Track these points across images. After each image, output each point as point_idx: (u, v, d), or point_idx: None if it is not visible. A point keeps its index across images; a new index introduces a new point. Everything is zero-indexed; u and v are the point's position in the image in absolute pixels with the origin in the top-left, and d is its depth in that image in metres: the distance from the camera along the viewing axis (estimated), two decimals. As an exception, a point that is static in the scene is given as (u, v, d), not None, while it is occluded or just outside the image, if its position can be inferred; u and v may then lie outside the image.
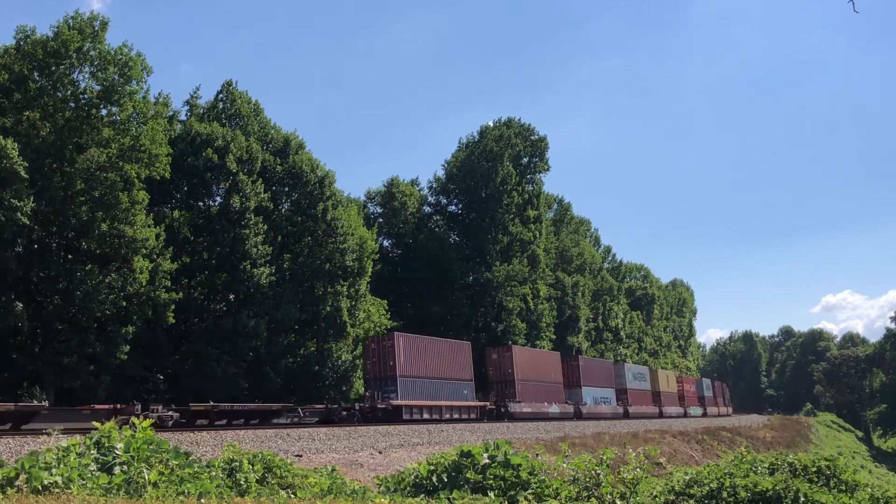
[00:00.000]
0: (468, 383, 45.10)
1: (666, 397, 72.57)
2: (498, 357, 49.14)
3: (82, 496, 8.91)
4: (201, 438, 23.37)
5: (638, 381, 67.11)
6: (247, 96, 51.16)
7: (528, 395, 48.86)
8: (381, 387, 39.50)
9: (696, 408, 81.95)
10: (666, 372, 77.92)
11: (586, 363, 59.19)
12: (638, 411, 63.80)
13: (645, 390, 68.27)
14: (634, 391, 65.53)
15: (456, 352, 45.22)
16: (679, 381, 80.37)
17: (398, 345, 40.06)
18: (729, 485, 17.05)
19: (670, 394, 74.73)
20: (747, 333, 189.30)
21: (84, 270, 35.83)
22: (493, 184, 69.11)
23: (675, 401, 75.86)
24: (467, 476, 13.32)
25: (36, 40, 35.96)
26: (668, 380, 75.24)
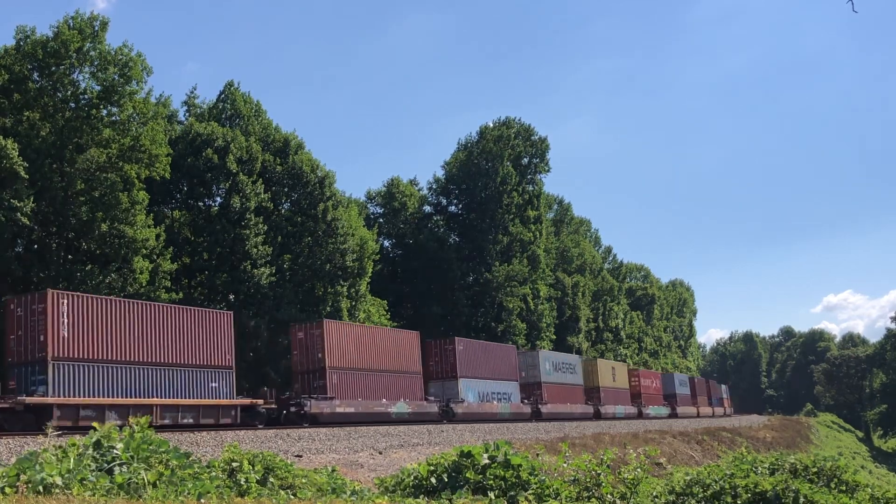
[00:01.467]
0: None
1: (609, 394, 60.88)
2: (305, 336, 35.20)
3: (82, 496, 8.90)
4: (201, 438, 23.37)
5: (561, 374, 53.77)
6: (248, 97, 51.18)
7: (347, 388, 35.55)
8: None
9: (658, 407, 70.35)
10: (610, 363, 66.31)
11: (468, 347, 44.58)
12: (557, 411, 50.99)
13: (572, 385, 55.21)
14: (554, 385, 52.07)
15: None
16: (634, 375, 69.22)
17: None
18: (729, 485, 17.05)
19: (616, 390, 62.97)
20: (747, 334, 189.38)
21: (84, 271, 35.82)
22: (493, 184, 69.12)
23: (625, 399, 64.33)
24: (467, 476, 13.31)
25: (36, 40, 35.96)
26: (613, 373, 63.75)
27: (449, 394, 41.85)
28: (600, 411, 57.67)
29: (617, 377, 64.04)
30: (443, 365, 42.23)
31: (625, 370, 67.62)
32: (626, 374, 66.90)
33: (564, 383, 54.16)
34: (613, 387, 62.49)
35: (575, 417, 52.62)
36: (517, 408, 47.03)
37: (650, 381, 72.41)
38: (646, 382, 70.59)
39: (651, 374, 76.22)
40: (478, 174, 69.45)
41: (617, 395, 62.86)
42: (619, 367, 66.97)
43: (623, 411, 62.19)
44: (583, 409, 55.43)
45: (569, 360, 56.58)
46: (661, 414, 69.84)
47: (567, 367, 55.42)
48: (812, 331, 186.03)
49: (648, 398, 69.26)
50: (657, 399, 72.09)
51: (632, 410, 64.23)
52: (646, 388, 69.67)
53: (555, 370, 53.07)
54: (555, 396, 52.04)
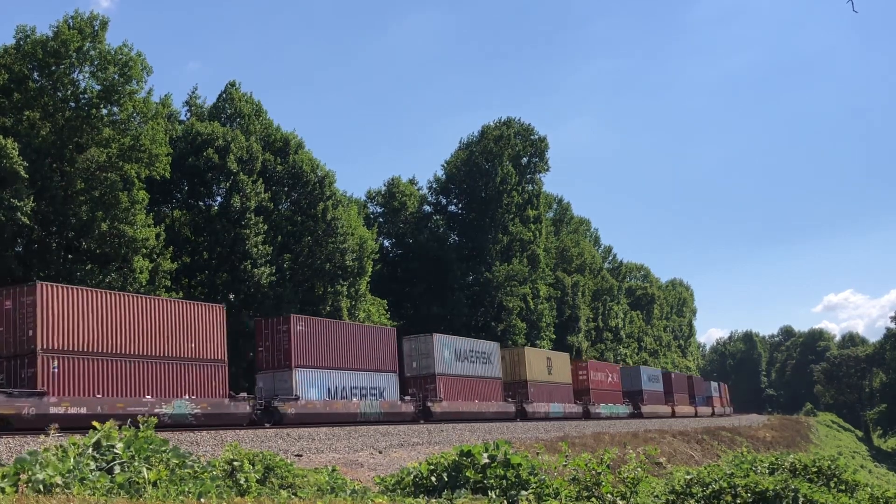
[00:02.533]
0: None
1: (541, 390, 51.11)
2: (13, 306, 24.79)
3: (82, 496, 8.91)
4: (201, 438, 23.38)
5: (468, 364, 44.33)
6: (249, 97, 51.18)
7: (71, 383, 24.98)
8: None
9: (614, 406, 61.76)
10: (546, 353, 56.28)
11: (312, 328, 34.72)
12: (457, 409, 41.86)
13: (484, 378, 45.53)
14: (456, 379, 42.67)
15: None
16: (581, 367, 59.96)
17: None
18: (729, 485, 17.05)
19: (553, 385, 53.26)
20: (747, 333, 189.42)
21: (84, 270, 35.84)
22: (493, 184, 69.14)
23: (565, 395, 54.83)
24: (467, 476, 13.32)
25: (36, 40, 35.96)
26: (548, 364, 53.45)
27: (281, 388, 32.60)
28: (526, 410, 47.95)
29: (555, 370, 54.15)
30: (274, 351, 33.08)
31: (566, 362, 57.51)
32: (568, 366, 57.36)
33: (472, 376, 44.57)
34: (548, 381, 52.61)
35: (486, 418, 43.65)
36: (393, 406, 37.91)
37: (604, 375, 62.63)
38: (597, 376, 61.17)
39: (606, 366, 66.12)
40: (478, 174, 69.48)
41: (553, 391, 53.02)
42: (558, 358, 56.45)
43: (560, 410, 52.36)
44: (501, 408, 46.22)
45: (481, 348, 46.73)
46: (616, 413, 61.01)
47: (478, 357, 45.64)
48: (812, 330, 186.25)
49: (601, 395, 60.41)
50: (613, 396, 63.21)
51: (574, 409, 54.69)
52: (597, 382, 60.63)
53: (458, 360, 43.45)
54: (456, 392, 42.46)
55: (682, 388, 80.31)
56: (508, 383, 48.94)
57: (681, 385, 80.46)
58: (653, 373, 74.95)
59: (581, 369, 59.85)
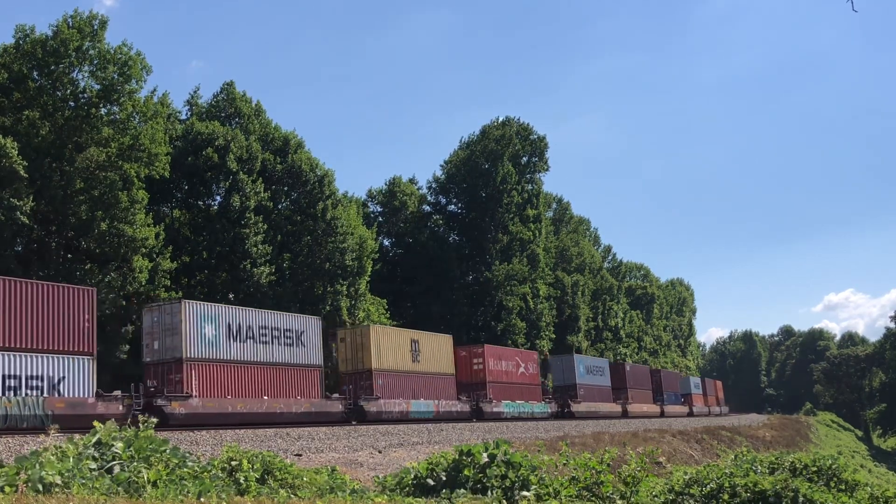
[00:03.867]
0: None
1: (395, 382, 39.28)
2: None
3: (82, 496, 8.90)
4: (201, 438, 23.38)
5: (251, 346, 32.35)
6: (247, 96, 51.15)
7: None
8: None
9: (523, 404, 50.04)
10: (408, 333, 42.75)
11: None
12: (225, 408, 30.11)
13: (288, 365, 33.89)
14: (225, 366, 31.01)
15: None
16: (475, 354, 47.63)
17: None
18: (729, 484, 17.06)
19: (420, 377, 41.39)
20: (747, 333, 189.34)
21: (84, 270, 35.84)
22: (493, 183, 69.15)
23: (445, 390, 43.30)
24: (467, 475, 13.31)
25: (35, 39, 35.95)
26: (413, 349, 41.35)
27: None
28: (365, 409, 36.56)
29: (426, 356, 42.02)
30: None
31: (445, 345, 44.66)
32: (449, 351, 44.73)
33: (264, 363, 32.58)
34: (412, 371, 40.68)
35: (286, 420, 31.99)
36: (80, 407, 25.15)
37: (510, 365, 50.07)
38: (500, 366, 48.68)
39: (517, 354, 53.21)
40: (478, 173, 69.50)
41: (419, 383, 41.01)
42: (433, 342, 43.46)
43: (429, 409, 40.90)
44: (319, 407, 34.59)
45: (285, 325, 34.46)
46: (528, 413, 49.54)
47: (278, 336, 33.84)
48: (812, 330, 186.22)
49: (505, 390, 48.24)
50: (527, 391, 51.25)
51: (456, 408, 43.39)
52: (499, 373, 48.21)
53: (234, 339, 31.72)
54: (225, 385, 30.92)
55: (640, 382, 68.78)
56: (347, 374, 38.26)
57: (639, 379, 68.80)
58: (594, 363, 62.63)
59: (475, 356, 47.44)
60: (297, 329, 35.05)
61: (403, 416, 39.08)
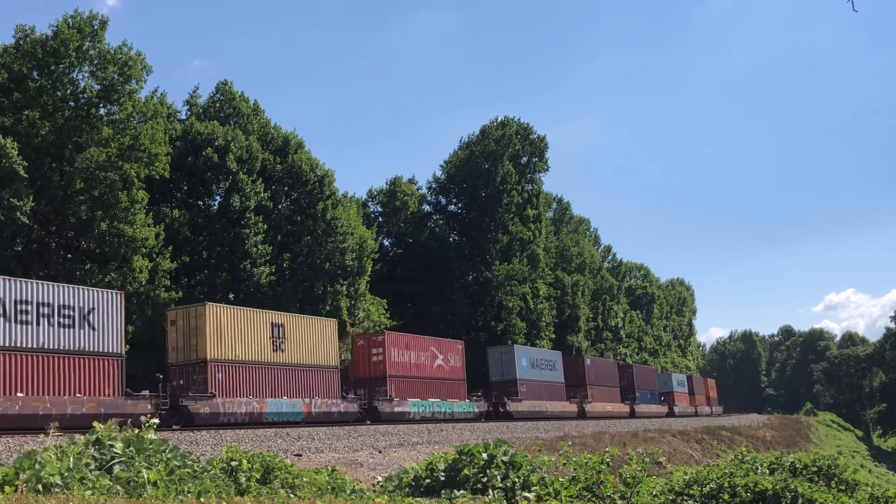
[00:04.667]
0: None
1: (243, 376, 32.35)
2: None
3: (82, 496, 8.89)
4: (201, 438, 23.38)
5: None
6: (245, 96, 51.12)
7: None
8: None
9: (452, 402, 43.87)
10: (269, 315, 34.82)
11: None
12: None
13: (68, 353, 26.17)
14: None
15: None
16: (374, 343, 40.75)
17: None
18: (729, 484, 17.06)
19: (283, 369, 34.24)
20: (746, 333, 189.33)
21: (84, 270, 35.85)
22: (493, 183, 69.17)
23: (325, 386, 36.03)
24: (467, 475, 13.31)
25: (35, 39, 35.96)
26: (276, 335, 34.05)
27: None
28: (189, 410, 29.30)
29: (292, 344, 34.68)
30: None
31: (327, 331, 37.07)
32: (331, 339, 37.29)
33: (25, 349, 24.96)
34: (268, 362, 33.41)
35: (66, 424, 21.03)
36: None
37: (423, 357, 42.81)
38: (408, 358, 41.66)
39: (436, 343, 44.87)
40: (478, 173, 69.52)
41: (283, 378, 33.99)
42: (305, 326, 35.95)
43: (296, 408, 34.11)
44: (123, 408, 26.72)
45: (63, 300, 26.43)
46: (446, 413, 42.93)
47: (53, 316, 25.96)
48: (812, 330, 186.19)
49: (412, 386, 41.41)
50: (448, 388, 44.07)
51: (339, 407, 36.40)
52: (408, 367, 41.45)
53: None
54: None
55: (605, 378, 61.66)
56: (178, 365, 31.23)
57: (603, 375, 61.46)
58: (542, 356, 54.92)
59: (375, 346, 40.37)
60: (80, 306, 26.81)
61: (254, 418, 31.96)
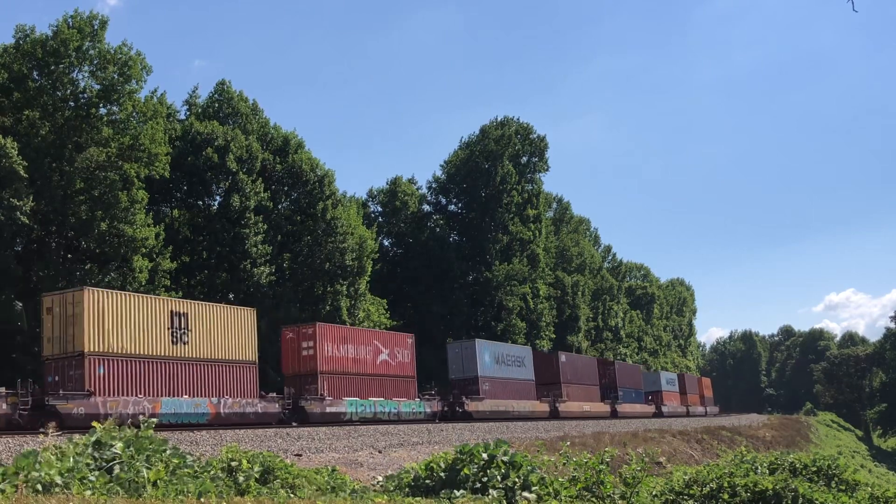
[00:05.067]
0: None
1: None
2: None
3: (82, 496, 8.89)
4: (200, 438, 23.36)
5: None
6: (243, 95, 51.08)
7: None
8: None
9: (399, 402, 38.21)
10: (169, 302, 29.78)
11: None
12: None
13: None
14: None
15: None
16: (304, 334, 35.18)
17: None
18: (729, 484, 17.06)
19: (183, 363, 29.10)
20: (746, 333, 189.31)
21: (84, 269, 35.84)
22: (493, 183, 69.17)
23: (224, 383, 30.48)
24: (467, 475, 13.30)
25: (35, 39, 35.96)
26: (179, 325, 29.07)
27: None
28: (58, 410, 24.67)
29: (197, 336, 29.69)
30: None
31: (245, 322, 31.89)
32: (248, 329, 31.97)
33: None
34: (166, 357, 28.61)
35: None
36: None
37: (369, 352, 37.63)
38: (345, 352, 36.38)
39: (379, 336, 39.79)
40: (478, 173, 69.52)
41: (185, 375, 29.13)
42: (215, 316, 30.59)
43: (201, 409, 29.18)
44: None
45: None
46: (387, 413, 37.20)
47: None
48: (812, 330, 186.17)
49: (350, 383, 36.07)
50: (395, 386, 38.84)
51: (256, 407, 31.28)
52: (345, 362, 36.14)
53: None
54: None
55: (582, 376, 56.85)
56: (53, 359, 26.62)
57: (581, 372, 56.71)
58: (509, 352, 49.51)
59: (305, 339, 35.05)
60: None
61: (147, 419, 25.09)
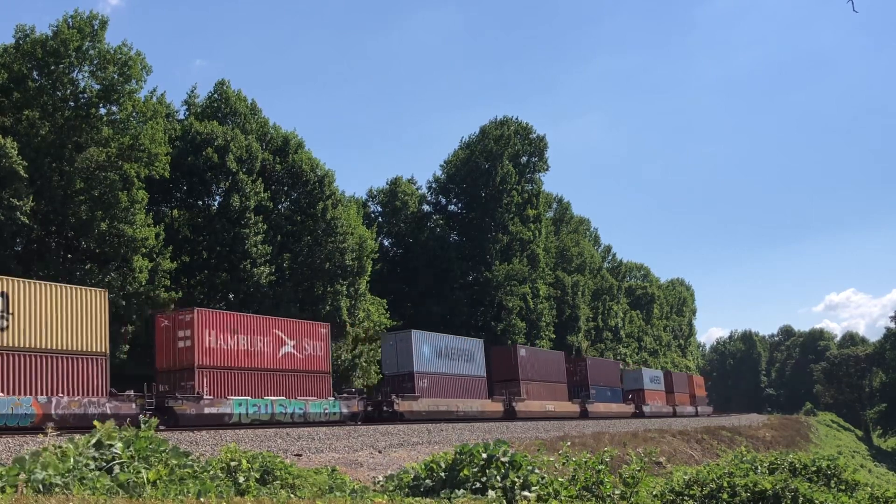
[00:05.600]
0: None
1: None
2: None
3: (82, 496, 8.89)
4: (200, 438, 23.36)
5: None
6: (241, 95, 51.03)
7: None
8: None
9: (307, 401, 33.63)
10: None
11: None
12: None
13: None
14: None
15: None
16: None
17: None
18: (728, 484, 17.05)
19: None
20: (746, 333, 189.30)
21: (83, 270, 35.83)
22: (493, 183, 69.17)
23: None
24: (466, 475, 13.30)
25: (35, 39, 35.95)
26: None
27: None
28: None
29: (22, 321, 25.06)
30: None
31: (93, 305, 27.93)
32: (97, 315, 28.04)
33: None
34: None
35: None
36: None
37: (267, 343, 32.87)
38: (234, 344, 31.56)
39: (280, 324, 34.34)
40: (478, 173, 69.51)
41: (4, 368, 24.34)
42: (48, 296, 26.05)
43: (23, 409, 23.96)
44: None
45: None
46: (289, 414, 32.46)
47: None
48: (812, 330, 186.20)
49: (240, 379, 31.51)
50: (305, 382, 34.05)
51: (103, 407, 26.25)
52: (233, 356, 31.45)
53: None
54: None
55: (546, 373, 50.66)
56: None
57: (544, 369, 50.50)
58: (453, 344, 43.68)
59: (182, 327, 30.66)
60: None
61: None
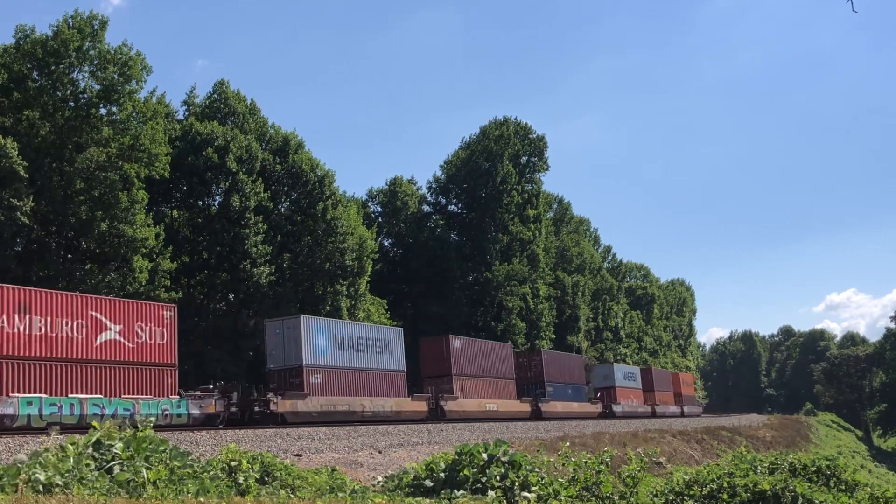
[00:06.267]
0: None
1: None
2: None
3: (82, 495, 8.90)
4: (200, 438, 23.35)
5: None
6: (240, 95, 51.04)
7: None
8: None
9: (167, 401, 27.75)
10: None
11: None
12: None
13: None
14: None
15: None
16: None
17: None
18: (728, 484, 17.05)
19: None
20: (746, 333, 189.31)
21: (84, 270, 35.84)
22: (493, 183, 69.20)
23: None
24: (466, 475, 13.31)
25: (35, 39, 35.95)
26: None
27: None
28: None
29: None
30: None
31: None
32: None
33: None
34: None
35: None
36: None
37: (78, 327, 25.74)
38: (33, 328, 24.55)
39: (100, 303, 26.86)
40: (478, 173, 69.54)
41: None
42: None
43: None
44: None
45: None
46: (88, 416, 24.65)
47: None
48: (812, 330, 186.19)
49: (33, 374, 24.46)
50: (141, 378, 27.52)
51: None
52: (28, 342, 24.45)
53: None
54: None
55: (488, 368, 45.15)
56: None
57: (485, 363, 44.94)
58: (361, 333, 37.60)
59: None
60: None
61: None
